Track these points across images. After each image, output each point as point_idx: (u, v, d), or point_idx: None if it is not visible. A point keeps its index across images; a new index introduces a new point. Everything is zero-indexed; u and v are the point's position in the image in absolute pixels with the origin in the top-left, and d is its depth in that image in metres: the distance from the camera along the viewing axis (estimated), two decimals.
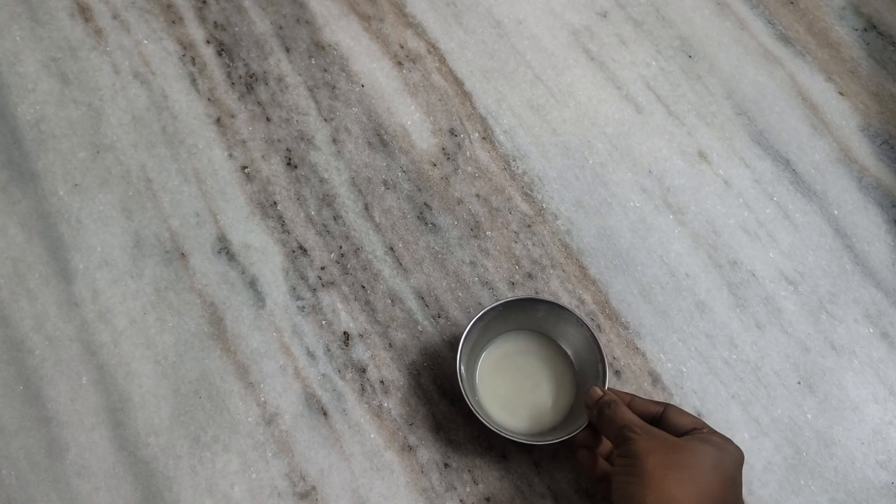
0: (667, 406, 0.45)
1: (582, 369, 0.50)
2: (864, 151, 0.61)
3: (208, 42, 0.63)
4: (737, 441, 0.51)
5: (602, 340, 0.53)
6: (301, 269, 0.55)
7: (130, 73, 0.61)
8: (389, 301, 0.54)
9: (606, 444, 0.48)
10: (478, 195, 0.58)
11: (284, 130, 0.60)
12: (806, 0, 0.67)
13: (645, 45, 0.65)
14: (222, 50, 0.62)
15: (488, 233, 0.57)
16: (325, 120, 0.60)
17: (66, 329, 0.53)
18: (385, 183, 0.58)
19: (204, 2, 0.64)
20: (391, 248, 0.56)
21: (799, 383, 0.53)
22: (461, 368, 0.48)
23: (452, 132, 0.60)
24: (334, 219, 0.57)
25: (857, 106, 0.62)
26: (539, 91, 0.62)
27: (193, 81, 0.61)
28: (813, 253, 0.57)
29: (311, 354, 0.53)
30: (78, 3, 0.63)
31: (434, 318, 0.54)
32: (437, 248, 0.56)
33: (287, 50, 0.63)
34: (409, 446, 0.50)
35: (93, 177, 0.57)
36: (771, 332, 0.54)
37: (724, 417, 0.52)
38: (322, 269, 0.55)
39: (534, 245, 0.57)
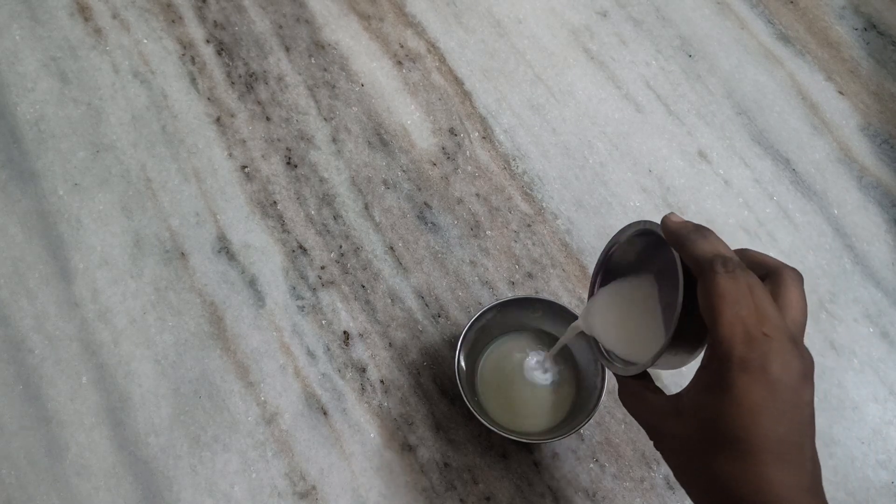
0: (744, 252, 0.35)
1: (581, 368, 0.50)
2: (863, 151, 0.61)
3: (208, 41, 0.62)
4: None
5: None
6: (301, 269, 0.55)
7: (130, 72, 0.61)
8: (389, 300, 0.54)
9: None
10: (478, 194, 0.58)
11: (284, 130, 0.60)
12: None
13: (645, 44, 0.65)
14: (222, 49, 0.62)
15: (488, 232, 0.57)
16: (324, 119, 0.60)
17: (65, 328, 0.53)
18: (385, 182, 0.58)
19: (204, 1, 0.64)
20: (391, 248, 0.56)
21: None
22: (461, 368, 0.48)
23: (452, 131, 0.60)
24: (334, 218, 0.57)
25: (856, 105, 0.62)
26: (539, 90, 0.62)
27: (193, 81, 0.61)
28: (813, 252, 0.57)
29: (311, 354, 0.53)
30: (77, 2, 0.63)
31: (434, 318, 0.54)
32: (436, 247, 0.56)
33: (287, 49, 0.62)
34: (408, 446, 0.50)
35: (92, 176, 0.57)
36: None
37: None
38: (322, 268, 0.55)
39: (534, 244, 0.57)
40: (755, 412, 0.28)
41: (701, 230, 0.33)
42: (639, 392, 0.36)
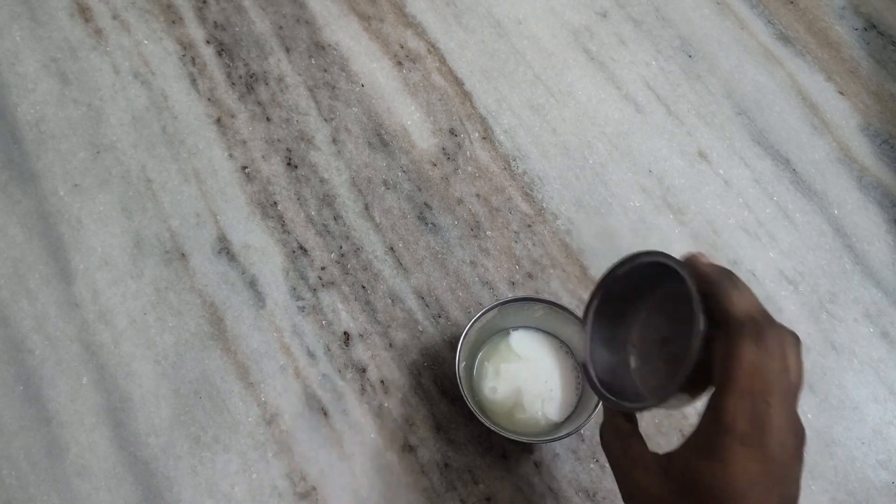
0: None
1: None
2: (864, 151, 0.61)
3: (208, 42, 0.63)
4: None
5: None
6: (301, 269, 0.55)
7: (130, 73, 0.61)
8: (390, 301, 0.54)
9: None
10: (478, 195, 0.58)
11: (284, 130, 0.60)
12: (806, 0, 0.67)
13: (645, 44, 0.65)
14: (222, 50, 0.62)
15: (488, 233, 0.57)
16: (325, 120, 0.60)
17: (66, 329, 0.53)
18: (385, 183, 0.58)
19: (204, 2, 0.64)
20: (391, 248, 0.56)
21: None
22: (461, 368, 0.48)
23: (452, 132, 0.60)
24: (334, 219, 0.57)
25: (856, 105, 0.62)
26: (539, 91, 0.62)
27: (193, 81, 0.61)
28: (813, 252, 0.57)
29: (311, 354, 0.53)
30: (78, 3, 0.63)
31: (434, 318, 0.54)
32: (437, 247, 0.56)
33: (287, 50, 0.63)
34: (409, 446, 0.51)
35: (93, 177, 0.57)
36: None
37: None
38: (322, 269, 0.55)
39: (534, 245, 0.57)
40: (748, 485, 0.29)
41: (732, 278, 0.31)
42: (626, 436, 0.35)
